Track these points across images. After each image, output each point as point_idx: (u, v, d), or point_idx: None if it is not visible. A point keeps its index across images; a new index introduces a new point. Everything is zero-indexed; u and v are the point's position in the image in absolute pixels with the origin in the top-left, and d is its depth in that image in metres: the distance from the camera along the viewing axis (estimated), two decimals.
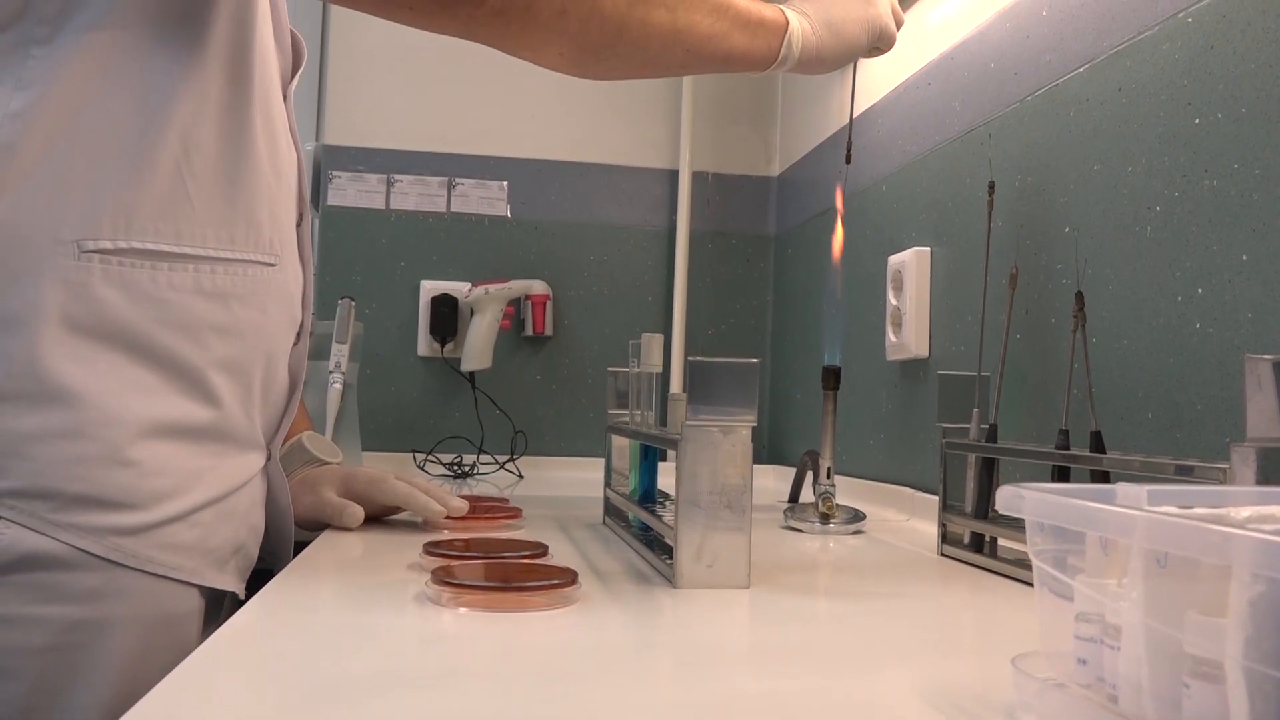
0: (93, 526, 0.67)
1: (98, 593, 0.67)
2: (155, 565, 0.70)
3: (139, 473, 0.69)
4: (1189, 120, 0.85)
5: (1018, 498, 0.44)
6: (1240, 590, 0.32)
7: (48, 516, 0.66)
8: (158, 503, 0.70)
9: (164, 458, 0.71)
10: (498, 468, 1.85)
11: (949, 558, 0.95)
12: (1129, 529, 0.37)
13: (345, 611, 0.68)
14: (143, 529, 0.69)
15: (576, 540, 0.97)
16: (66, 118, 0.67)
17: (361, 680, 0.50)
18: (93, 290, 0.67)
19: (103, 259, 0.68)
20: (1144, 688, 0.37)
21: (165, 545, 0.71)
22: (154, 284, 0.70)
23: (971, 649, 0.66)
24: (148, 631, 0.70)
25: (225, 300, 0.74)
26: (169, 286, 0.71)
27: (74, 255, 0.67)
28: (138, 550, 0.69)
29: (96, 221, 0.68)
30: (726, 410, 0.74)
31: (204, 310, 0.73)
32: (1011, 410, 1.00)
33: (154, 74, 0.70)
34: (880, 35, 1.00)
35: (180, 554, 0.72)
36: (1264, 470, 0.56)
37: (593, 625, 0.64)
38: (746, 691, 0.51)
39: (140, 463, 0.69)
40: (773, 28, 0.89)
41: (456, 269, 1.95)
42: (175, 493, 0.72)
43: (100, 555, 0.67)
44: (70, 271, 0.67)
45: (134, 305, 0.69)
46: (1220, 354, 0.80)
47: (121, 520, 0.68)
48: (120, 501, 0.68)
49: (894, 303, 1.38)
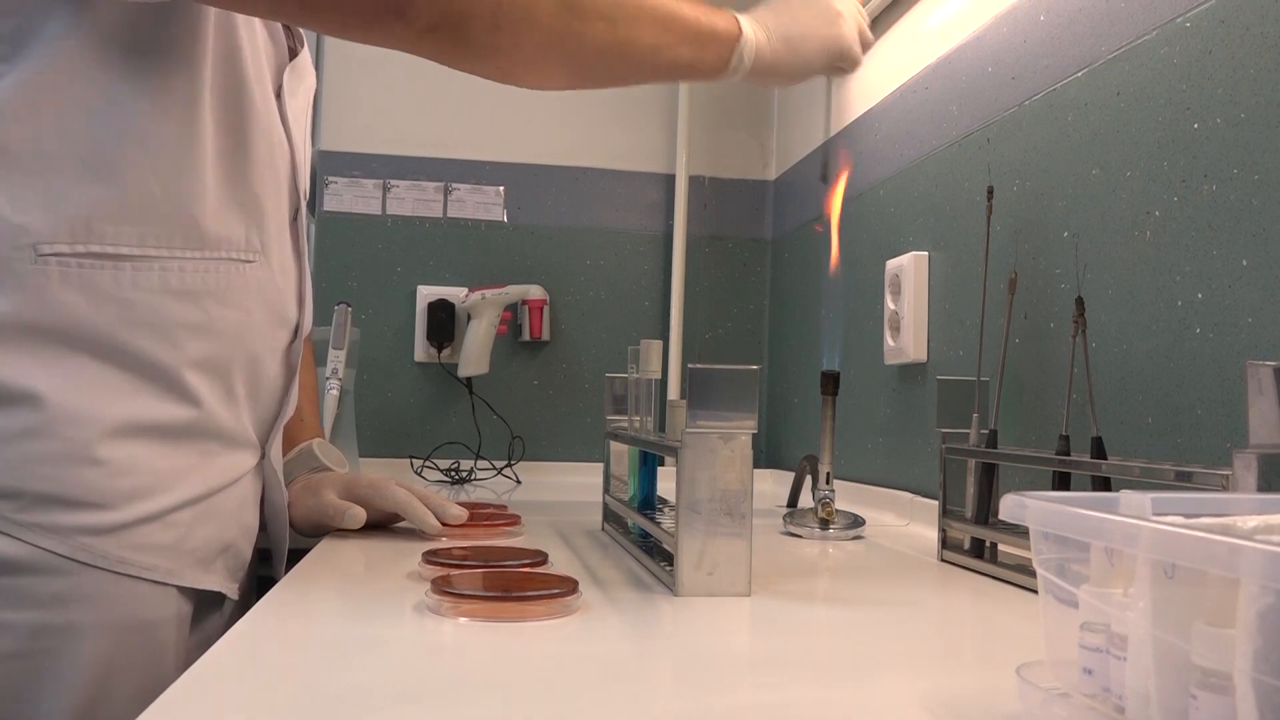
0: (58, 526, 0.66)
1: (63, 596, 0.66)
2: (126, 566, 0.69)
3: (108, 472, 0.68)
4: (1188, 125, 0.85)
5: (1021, 506, 0.44)
6: (1249, 602, 0.32)
7: (11, 516, 0.65)
8: (129, 502, 0.69)
9: (137, 457, 0.70)
10: (495, 473, 1.85)
11: (949, 563, 0.95)
12: (1136, 539, 0.37)
13: (344, 621, 0.68)
14: (112, 529, 0.68)
15: (576, 547, 0.97)
16: (22, 128, 0.66)
17: (361, 692, 0.49)
18: (51, 294, 0.67)
19: (60, 261, 0.67)
20: (1151, 698, 0.37)
21: (138, 545, 0.70)
22: (117, 284, 0.69)
23: (974, 657, 0.66)
24: (119, 636, 0.69)
25: (198, 299, 0.73)
26: (133, 286, 0.70)
27: (30, 259, 0.66)
28: (107, 550, 0.68)
29: (54, 228, 0.67)
30: (726, 417, 0.74)
31: (174, 310, 0.72)
32: (1010, 415, 1.00)
33: (115, 83, 0.69)
34: (842, 56, 0.96)
35: (155, 554, 0.71)
36: (1266, 477, 0.56)
37: (594, 635, 0.64)
38: (749, 702, 0.51)
39: (110, 461, 0.68)
40: (724, 38, 0.86)
41: (453, 274, 1.95)
42: (149, 492, 0.71)
43: (66, 555, 0.66)
44: (27, 276, 0.66)
45: (96, 307, 0.68)
46: (1220, 359, 0.80)
47: (89, 520, 0.67)
48: (88, 501, 0.67)
49: (892, 307, 1.38)
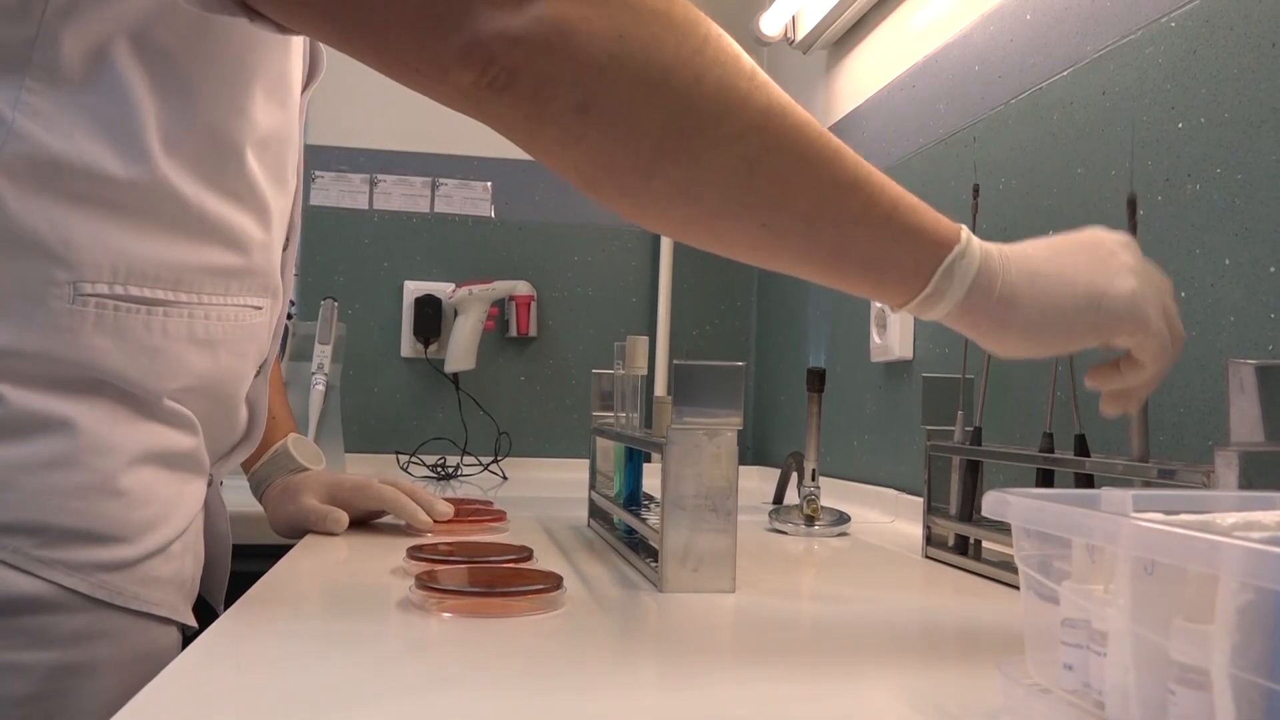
0: (80, 563, 0.64)
1: (83, 634, 0.64)
2: (139, 603, 0.67)
3: (127, 503, 0.66)
4: (1172, 124, 0.86)
5: (1004, 503, 0.44)
6: (1227, 598, 0.32)
7: (34, 554, 0.62)
8: (142, 535, 0.67)
9: (149, 485, 0.68)
10: (481, 469, 1.85)
11: (934, 559, 0.95)
12: (1116, 536, 0.37)
13: (328, 618, 0.68)
14: (127, 564, 0.66)
15: (561, 543, 0.97)
16: (54, 166, 0.62)
17: (345, 688, 0.49)
18: (84, 338, 0.64)
19: (99, 304, 0.64)
20: (1130, 694, 0.37)
21: (147, 580, 0.68)
22: (148, 331, 0.66)
23: (957, 653, 0.66)
24: (130, 671, 0.66)
25: (214, 348, 0.71)
26: (163, 334, 0.67)
27: (69, 298, 0.63)
28: (123, 587, 0.66)
29: (97, 265, 0.64)
30: (712, 413, 0.74)
31: (194, 359, 0.70)
32: (994, 413, 1.00)
33: (141, 119, 0.64)
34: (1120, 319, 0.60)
35: (160, 589, 0.69)
36: (1247, 474, 0.57)
37: (578, 630, 0.64)
38: (733, 697, 0.51)
39: (129, 492, 0.66)
40: (930, 237, 0.58)
41: (440, 270, 1.95)
42: (158, 523, 0.69)
43: (86, 594, 0.64)
44: (62, 315, 0.63)
45: (127, 356, 0.66)
46: (1202, 358, 0.81)
47: (109, 555, 0.65)
48: (109, 534, 0.65)
49: (878, 305, 1.38)
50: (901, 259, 0.58)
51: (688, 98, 0.53)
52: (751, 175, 0.55)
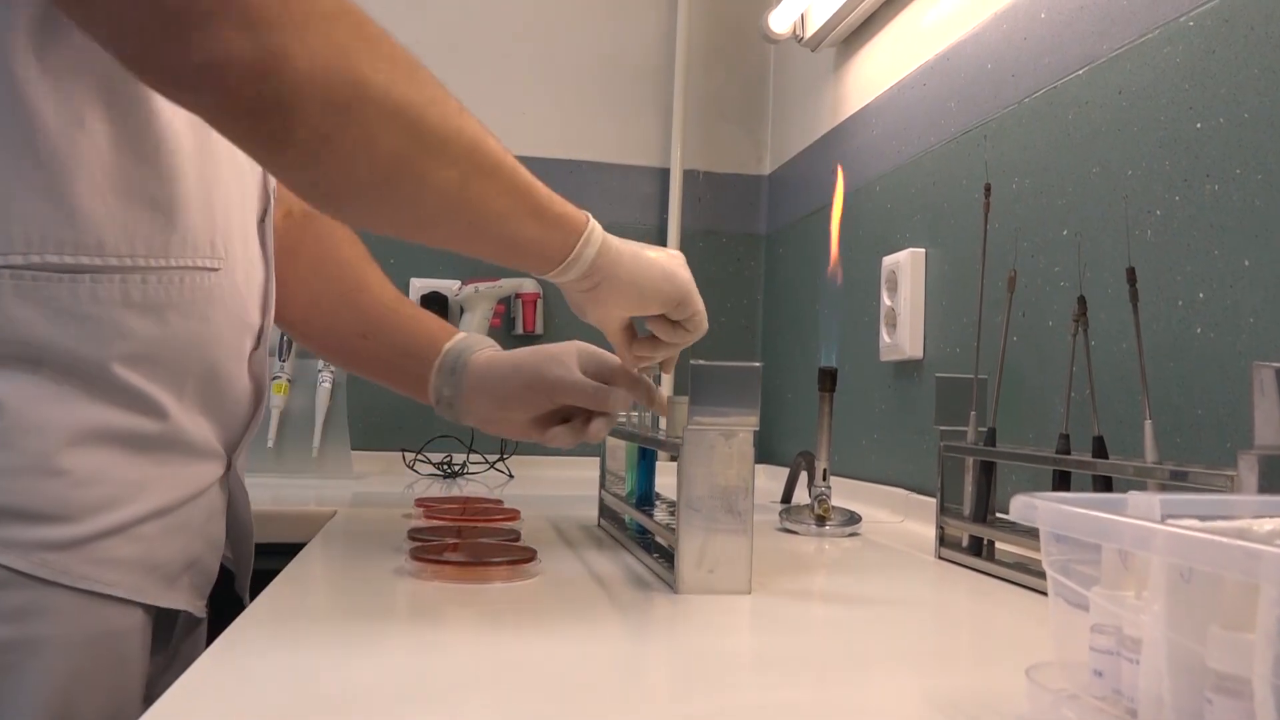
0: (18, 541, 0.63)
1: (24, 611, 0.63)
2: (89, 582, 0.65)
3: (70, 482, 0.65)
4: (1190, 124, 0.85)
5: (1031, 508, 0.44)
6: (1269, 607, 0.32)
7: None
8: (92, 515, 0.66)
9: (100, 466, 0.66)
10: (488, 467, 1.84)
11: (947, 560, 0.94)
12: (1151, 543, 0.37)
13: (337, 618, 0.67)
14: (75, 543, 0.65)
15: (572, 542, 0.96)
16: None
17: (358, 692, 0.49)
18: (6, 310, 0.63)
19: (14, 275, 0.63)
20: (1166, 701, 0.36)
21: (101, 560, 0.66)
22: (74, 298, 0.65)
23: (977, 656, 0.66)
24: (82, 651, 0.65)
25: (160, 312, 0.69)
26: (92, 300, 0.66)
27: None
28: (69, 566, 0.64)
29: (7, 236, 0.63)
30: (728, 414, 0.73)
31: (135, 324, 0.68)
32: (1008, 414, 1.00)
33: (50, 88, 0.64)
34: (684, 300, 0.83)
35: (119, 570, 0.67)
36: (1269, 478, 0.56)
37: (595, 634, 0.63)
38: (753, 702, 0.50)
39: (71, 471, 0.65)
40: (572, 224, 0.76)
41: (446, 266, 1.94)
42: (113, 503, 0.67)
43: (26, 573, 0.63)
44: None
45: (55, 325, 0.64)
46: (1222, 359, 0.80)
47: (51, 534, 0.64)
48: (49, 513, 0.64)
49: (888, 303, 1.37)
50: (556, 240, 0.76)
51: (418, 130, 0.64)
52: (463, 188, 0.68)
